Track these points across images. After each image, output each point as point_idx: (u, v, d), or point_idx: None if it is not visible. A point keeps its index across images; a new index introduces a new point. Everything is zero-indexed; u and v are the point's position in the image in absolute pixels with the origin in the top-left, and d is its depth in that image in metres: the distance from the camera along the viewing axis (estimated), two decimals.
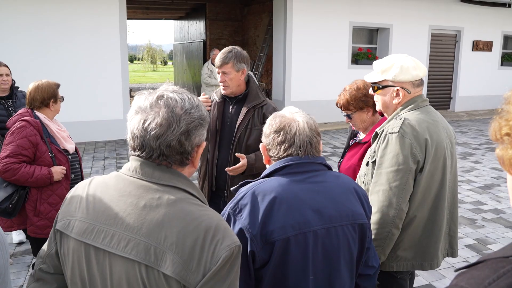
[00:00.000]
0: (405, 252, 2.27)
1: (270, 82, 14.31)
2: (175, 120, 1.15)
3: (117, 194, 1.18)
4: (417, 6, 12.38)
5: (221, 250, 1.09)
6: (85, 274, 1.18)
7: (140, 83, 28.53)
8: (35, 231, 3.01)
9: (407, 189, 2.14)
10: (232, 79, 2.84)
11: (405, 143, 2.12)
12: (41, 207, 3.00)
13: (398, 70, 2.20)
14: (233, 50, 2.85)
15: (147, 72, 46.02)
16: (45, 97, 3.06)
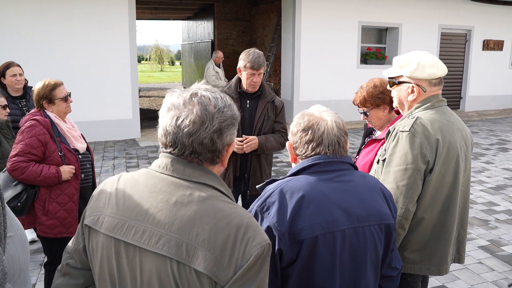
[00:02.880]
0: (412, 254, 2.24)
1: (279, 82, 14.30)
2: (208, 118, 1.15)
3: (148, 191, 1.18)
4: (427, 5, 12.31)
5: (252, 247, 1.10)
6: (114, 269, 1.18)
7: (148, 83, 28.62)
8: (44, 230, 3.01)
9: (414, 189, 2.12)
10: (259, 80, 3.34)
11: (415, 142, 2.10)
12: (49, 206, 3.00)
13: (415, 67, 2.18)
14: (261, 53, 3.34)
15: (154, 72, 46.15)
16: (36, 98, 3.05)
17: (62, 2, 8.81)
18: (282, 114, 3.50)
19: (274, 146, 3.39)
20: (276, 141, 3.40)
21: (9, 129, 3.96)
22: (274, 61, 14.19)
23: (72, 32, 8.95)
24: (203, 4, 17.74)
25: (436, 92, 2.24)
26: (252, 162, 3.41)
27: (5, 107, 3.89)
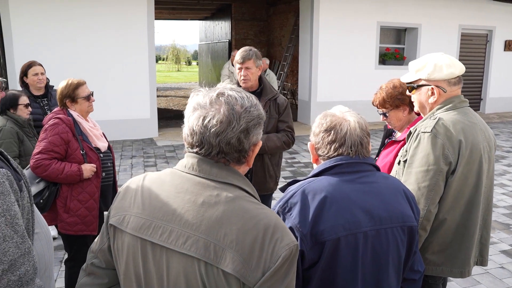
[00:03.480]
0: (434, 256, 2.22)
1: (296, 82, 14.26)
2: (235, 117, 1.15)
3: (174, 191, 1.18)
4: (447, 5, 12.14)
5: (280, 249, 1.09)
6: (140, 269, 1.18)
7: (165, 83, 28.83)
8: (65, 227, 3.05)
9: (436, 191, 2.10)
10: (253, 74, 3.25)
11: (437, 143, 2.08)
12: (71, 204, 3.03)
13: (432, 68, 2.17)
14: (252, 48, 3.29)
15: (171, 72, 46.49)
16: (60, 97, 3.09)
17: (84, 3, 8.92)
18: (287, 113, 3.41)
19: (277, 146, 3.32)
20: (279, 141, 3.32)
21: (31, 127, 4.03)
22: (291, 62, 14.14)
23: (92, 33, 9.06)
24: (221, 4, 17.78)
25: (456, 91, 2.23)
26: (254, 163, 3.30)
27: (27, 106, 3.95)
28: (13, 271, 1.29)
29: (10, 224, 1.30)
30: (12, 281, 1.28)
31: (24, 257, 1.33)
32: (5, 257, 1.28)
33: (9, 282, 1.28)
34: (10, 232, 1.30)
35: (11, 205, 1.32)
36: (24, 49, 8.57)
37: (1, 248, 1.28)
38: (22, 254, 1.32)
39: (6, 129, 3.78)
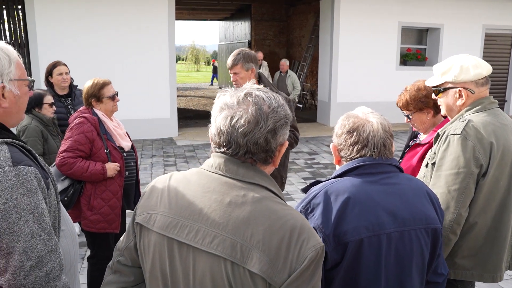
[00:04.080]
0: (463, 260, 2.18)
1: (315, 83, 14.21)
2: (263, 118, 1.15)
3: (201, 190, 1.18)
4: (470, 4, 11.94)
5: (307, 250, 1.09)
6: (166, 268, 1.19)
7: (184, 83, 29.04)
8: (88, 225, 3.10)
9: (467, 194, 2.05)
10: (243, 78, 3.15)
11: (467, 146, 2.04)
12: (94, 202, 3.08)
13: (458, 70, 2.13)
14: (241, 52, 3.19)
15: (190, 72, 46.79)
16: (86, 96, 3.14)
17: (106, 5, 9.05)
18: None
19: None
20: None
21: (55, 126, 4.10)
22: (311, 62, 14.10)
23: (114, 33, 9.19)
24: (240, 4, 17.83)
25: (485, 92, 2.19)
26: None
27: (52, 105, 4.02)
28: (40, 268, 1.31)
29: (37, 221, 1.33)
30: (39, 277, 1.31)
31: (51, 254, 1.35)
32: (33, 253, 1.30)
33: (36, 278, 1.30)
34: (37, 229, 1.33)
35: (39, 202, 1.35)
36: (48, 49, 8.74)
37: (29, 244, 1.30)
38: (49, 251, 1.34)
39: (31, 128, 3.85)
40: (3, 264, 1.29)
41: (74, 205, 3.08)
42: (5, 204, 1.28)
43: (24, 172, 1.33)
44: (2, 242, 1.28)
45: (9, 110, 1.43)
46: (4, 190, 1.28)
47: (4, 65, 1.39)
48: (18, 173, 1.32)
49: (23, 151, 1.40)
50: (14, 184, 1.30)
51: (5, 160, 1.31)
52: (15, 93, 1.43)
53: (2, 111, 1.42)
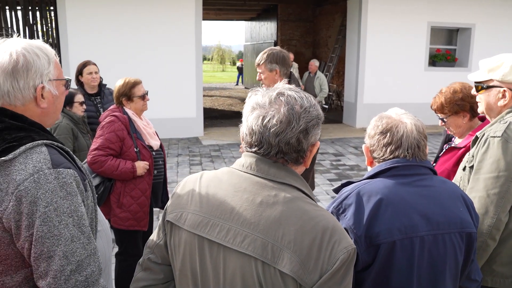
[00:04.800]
0: (503, 267, 2.10)
1: (342, 84, 14.10)
2: (295, 118, 1.15)
3: (232, 190, 1.18)
4: (504, 3, 11.59)
5: (338, 251, 1.08)
6: (197, 266, 1.19)
7: (210, 82, 29.23)
8: (118, 222, 3.14)
9: (507, 198, 1.98)
10: (266, 78, 3.08)
11: (508, 149, 1.97)
12: (124, 199, 3.12)
13: (508, 70, 2.04)
14: (268, 51, 3.07)
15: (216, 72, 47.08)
16: (117, 94, 3.18)
17: (134, 5, 9.20)
18: None
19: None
20: None
21: (85, 124, 4.17)
22: (337, 63, 13.99)
23: (142, 33, 9.33)
24: (267, 5, 17.83)
25: None
26: None
27: (82, 103, 4.10)
28: (80, 272, 1.30)
29: (77, 225, 1.32)
30: (79, 282, 1.30)
31: (90, 257, 1.34)
32: (73, 257, 1.29)
33: (76, 282, 1.29)
34: (77, 233, 1.31)
35: (78, 206, 1.33)
36: (78, 49, 8.93)
37: (69, 248, 1.29)
38: (88, 255, 1.33)
39: (62, 125, 3.93)
40: (44, 268, 1.28)
41: (103, 202, 3.13)
42: (45, 208, 1.26)
43: (63, 175, 1.31)
44: (43, 246, 1.27)
45: (46, 111, 1.41)
46: (44, 193, 1.27)
47: (44, 65, 1.37)
48: (58, 175, 1.30)
49: (61, 153, 1.38)
50: (54, 187, 1.28)
51: (45, 162, 1.30)
52: (54, 93, 1.41)
53: (40, 112, 1.40)
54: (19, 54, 1.33)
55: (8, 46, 1.35)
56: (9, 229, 1.28)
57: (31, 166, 1.28)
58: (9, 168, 1.28)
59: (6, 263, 1.32)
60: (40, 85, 1.37)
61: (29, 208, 1.26)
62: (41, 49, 1.39)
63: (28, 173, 1.27)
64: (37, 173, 1.27)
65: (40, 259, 1.28)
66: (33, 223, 1.26)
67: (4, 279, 1.33)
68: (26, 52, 1.34)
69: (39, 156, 1.30)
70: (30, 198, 1.26)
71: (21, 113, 1.35)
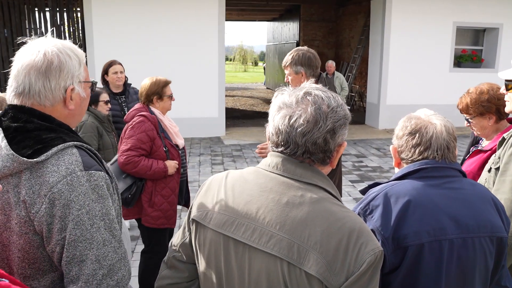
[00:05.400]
0: None
1: (364, 85, 13.97)
2: (322, 117, 1.14)
3: (258, 189, 1.18)
4: None
5: (365, 253, 1.07)
6: (221, 265, 1.19)
7: (231, 83, 29.32)
8: (149, 221, 3.15)
9: None
10: (292, 80, 2.98)
11: None
12: (155, 198, 3.13)
13: None
14: (294, 52, 2.94)
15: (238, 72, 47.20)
16: (148, 93, 3.18)
17: (158, 6, 9.30)
18: None
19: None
20: None
21: (110, 123, 4.24)
22: (360, 63, 13.87)
23: (166, 33, 9.44)
24: (290, 5, 17.79)
25: None
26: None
27: (107, 102, 4.16)
28: (112, 276, 1.28)
29: (108, 229, 1.29)
30: (110, 286, 1.27)
31: (121, 262, 1.31)
32: (105, 261, 1.27)
33: (108, 287, 1.27)
34: (109, 236, 1.29)
35: (109, 209, 1.31)
36: (103, 49, 9.08)
37: (101, 252, 1.27)
38: (119, 259, 1.30)
39: (87, 124, 4.00)
40: (76, 272, 1.25)
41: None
42: (78, 211, 1.24)
43: (95, 177, 1.28)
44: (75, 250, 1.24)
45: (73, 112, 1.39)
46: (77, 196, 1.24)
47: (75, 67, 1.36)
48: (89, 178, 1.27)
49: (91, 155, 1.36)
50: (87, 189, 1.26)
51: (77, 164, 1.27)
52: (82, 95, 1.39)
53: (67, 113, 1.38)
54: (53, 55, 1.32)
55: (41, 45, 1.34)
56: (40, 232, 1.26)
57: (63, 168, 1.25)
58: (41, 170, 1.25)
59: (34, 266, 1.30)
60: (71, 86, 1.35)
61: (62, 211, 1.23)
62: (73, 50, 1.38)
63: (61, 175, 1.24)
64: (70, 175, 1.25)
65: (72, 263, 1.25)
66: (66, 226, 1.24)
67: (32, 283, 1.31)
68: (60, 52, 1.33)
69: (71, 158, 1.28)
70: (64, 201, 1.23)
71: (48, 114, 1.33)
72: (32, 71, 1.30)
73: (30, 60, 1.31)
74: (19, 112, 1.31)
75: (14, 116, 1.30)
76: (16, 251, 1.29)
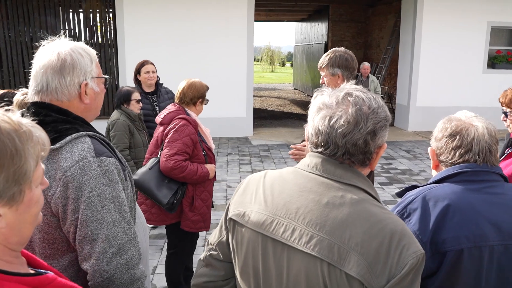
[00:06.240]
0: None
1: (393, 86, 13.76)
2: (362, 119, 1.13)
3: (297, 190, 1.17)
4: None
5: (407, 256, 1.05)
6: (259, 264, 1.19)
7: (259, 83, 29.35)
8: (189, 225, 3.12)
9: None
10: (328, 82, 2.86)
11: None
12: (196, 202, 3.10)
13: None
14: (330, 53, 2.83)
15: (265, 73, 47.22)
16: (195, 95, 3.17)
17: (189, 7, 9.41)
18: None
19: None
20: None
21: (141, 121, 4.32)
22: (389, 64, 13.67)
23: (196, 34, 9.53)
24: (318, 5, 17.69)
25: None
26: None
27: (139, 101, 4.23)
28: (121, 255, 1.38)
29: (118, 210, 1.40)
30: (120, 264, 1.37)
31: (131, 242, 1.42)
32: (114, 241, 1.37)
33: (117, 265, 1.37)
34: (118, 217, 1.40)
35: (119, 192, 1.42)
36: (135, 49, 9.23)
37: (111, 232, 1.37)
38: (129, 239, 1.41)
39: (119, 122, 4.08)
40: (88, 250, 1.36)
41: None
42: (90, 193, 1.35)
43: (106, 163, 1.40)
44: (87, 229, 1.35)
45: (89, 106, 1.52)
46: (89, 179, 1.36)
47: (87, 64, 1.48)
48: (100, 163, 1.39)
49: (103, 144, 1.47)
50: (97, 174, 1.37)
51: (89, 151, 1.39)
52: (95, 90, 1.52)
53: (83, 107, 1.50)
54: (66, 54, 1.45)
55: (56, 47, 1.47)
56: (57, 213, 1.38)
57: (76, 154, 1.38)
58: (56, 156, 1.38)
59: (53, 247, 1.41)
60: (84, 81, 1.48)
61: (75, 193, 1.35)
62: (84, 49, 1.50)
63: (74, 161, 1.36)
64: (82, 160, 1.37)
65: (84, 242, 1.36)
66: (78, 207, 1.35)
67: (52, 263, 1.41)
68: (72, 52, 1.46)
69: (83, 146, 1.40)
70: (76, 183, 1.35)
71: (66, 108, 1.46)
72: (48, 70, 1.44)
73: (46, 60, 1.45)
74: (39, 107, 1.44)
75: (35, 112, 1.43)
76: (37, 232, 1.41)
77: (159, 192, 2.95)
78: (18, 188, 0.86)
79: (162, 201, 2.95)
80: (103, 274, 1.36)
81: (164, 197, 2.95)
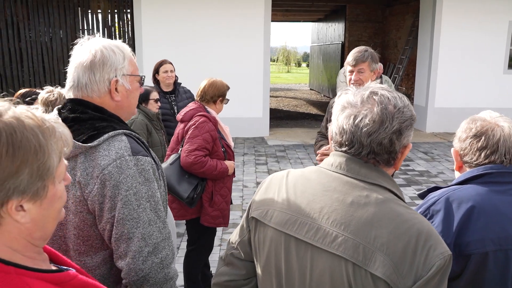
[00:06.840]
0: None
1: (411, 87, 13.63)
2: (388, 118, 1.11)
3: (321, 189, 1.16)
4: None
5: (434, 257, 1.03)
6: (282, 264, 1.18)
7: (275, 83, 29.32)
8: (209, 220, 3.17)
9: None
10: (366, 78, 2.83)
11: None
12: (215, 198, 3.15)
13: None
14: (368, 49, 2.88)
15: (281, 73, 47.16)
16: (215, 94, 3.23)
17: (206, 7, 9.44)
18: None
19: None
20: None
21: (159, 121, 4.34)
22: (407, 65, 13.53)
23: (213, 34, 9.56)
24: (335, 5, 17.60)
25: None
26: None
27: (157, 101, 4.26)
28: (156, 254, 1.38)
29: (153, 209, 1.40)
30: (155, 263, 1.37)
31: (165, 241, 1.41)
32: (150, 240, 1.37)
33: (152, 264, 1.37)
34: (154, 217, 1.39)
35: (155, 191, 1.41)
36: (152, 49, 9.30)
37: (147, 231, 1.37)
38: (163, 238, 1.41)
39: (137, 121, 4.11)
40: (124, 249, 1.36)
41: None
42: (126, 192, 1.35)
43: (142, 162, 1.39)
44: (123, 228, 1.35)
45: (121, 104, 1.50)
46: (126, 178, 1.35)
47: (119, 61, 1.46)
48: (137, 162, 1.38)
49: (139, 143, 1.47)
50: (134, 173, 1.37)
51: (126, 149, 1.38)
52: (127, 88, 1.50)
53: (115, 105, 1.49)
54: (97, 50, 1.45)
55: (90, 44, 1.48)
56: (93, 211, 1.38)
57: (114, 152, 1.37)
58: (94, 154, 1.37)
59: (88, 243, 1.42)
60: (114, 78, 1.46)
61: (112, 191, 1.35)
62: (118, 46, 1.50)
63: (112, 159, 1.36)
64: (119, 159, 1.36)
65: (121, 240, 1.36)
66: (115, 205, 1.35)
67: (85, 259, 1.42)
68: (104, 48, 1.46)
69: (120, 144, 1.39)
70: (113, 182, 1.35)
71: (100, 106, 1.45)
72: (79, 66, 1.44)
73: (79, 57, 1.46)
74: (76, 104, 1.45)
75: (71, 108, 1.44)
76: (72, 229, 1.41)
77: (179, 187, 3.01)
78: (41, 183, 0.87)
79: (182, 195, 3.02)
80: (138, 272, 1.36)
81: (184, 192, 3.02)
